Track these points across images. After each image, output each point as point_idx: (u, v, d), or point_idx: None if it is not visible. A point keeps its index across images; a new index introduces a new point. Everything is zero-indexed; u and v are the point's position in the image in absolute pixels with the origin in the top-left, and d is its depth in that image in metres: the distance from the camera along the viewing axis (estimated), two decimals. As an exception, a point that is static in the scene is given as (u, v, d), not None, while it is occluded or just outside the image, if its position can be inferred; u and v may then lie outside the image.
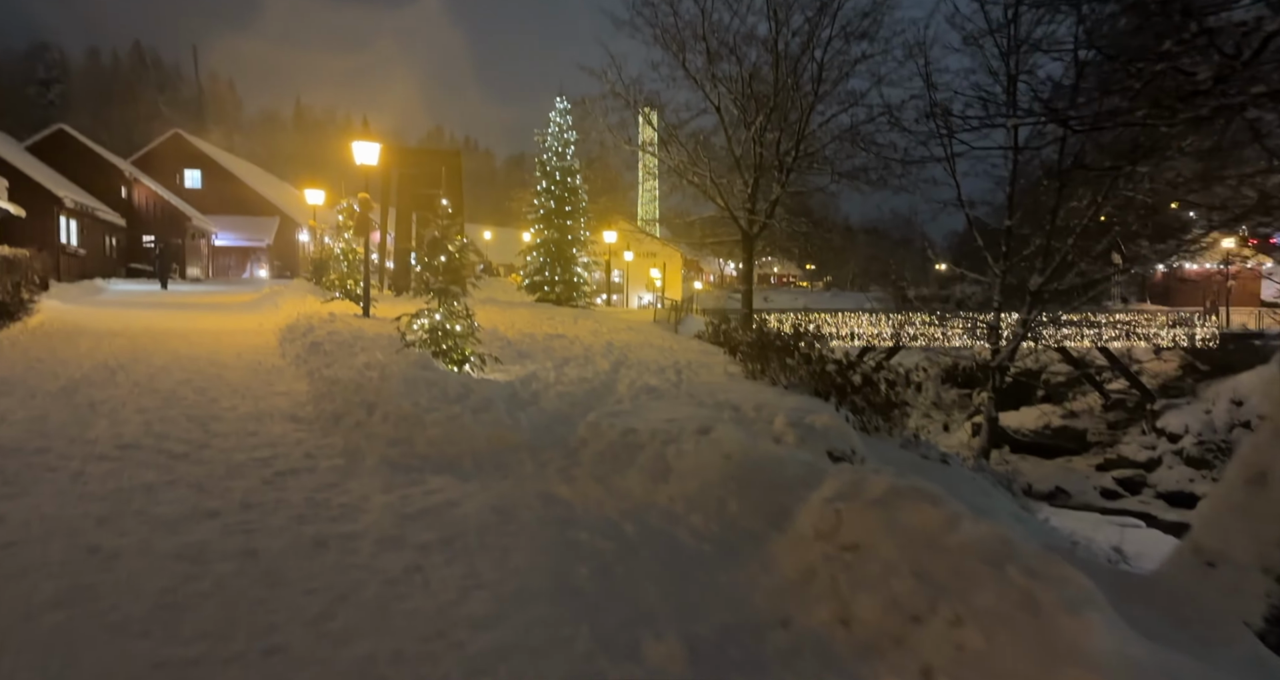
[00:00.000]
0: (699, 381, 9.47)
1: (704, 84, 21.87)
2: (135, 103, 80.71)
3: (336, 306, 15.66)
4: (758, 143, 21.41)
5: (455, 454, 6.10)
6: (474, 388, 7.67)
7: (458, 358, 9.11)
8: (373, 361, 9.01)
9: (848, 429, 6.28)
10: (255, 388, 8.97)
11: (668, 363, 11.30)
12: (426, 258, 9.18)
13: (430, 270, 9.13)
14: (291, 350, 11.53)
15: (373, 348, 10.37)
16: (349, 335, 11.66)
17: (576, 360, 10.60)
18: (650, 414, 7.30)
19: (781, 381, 9.36)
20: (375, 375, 8.33)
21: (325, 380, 8.66)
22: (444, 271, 9.06)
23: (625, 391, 8.47)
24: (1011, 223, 16.40)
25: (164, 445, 6.26)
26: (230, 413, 7.63)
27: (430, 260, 9.12)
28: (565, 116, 27.66)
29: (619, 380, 9.36)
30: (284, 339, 12.53)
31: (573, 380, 9.01)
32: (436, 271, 9.07)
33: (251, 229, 48.81)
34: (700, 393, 8.52)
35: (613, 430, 5.93)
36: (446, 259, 9.05)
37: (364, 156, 14.49)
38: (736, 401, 7.80)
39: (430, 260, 9.12)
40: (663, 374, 10.16)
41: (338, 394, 7.91)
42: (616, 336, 14.47)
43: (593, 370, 9.98)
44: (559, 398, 7.98)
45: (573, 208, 27.52)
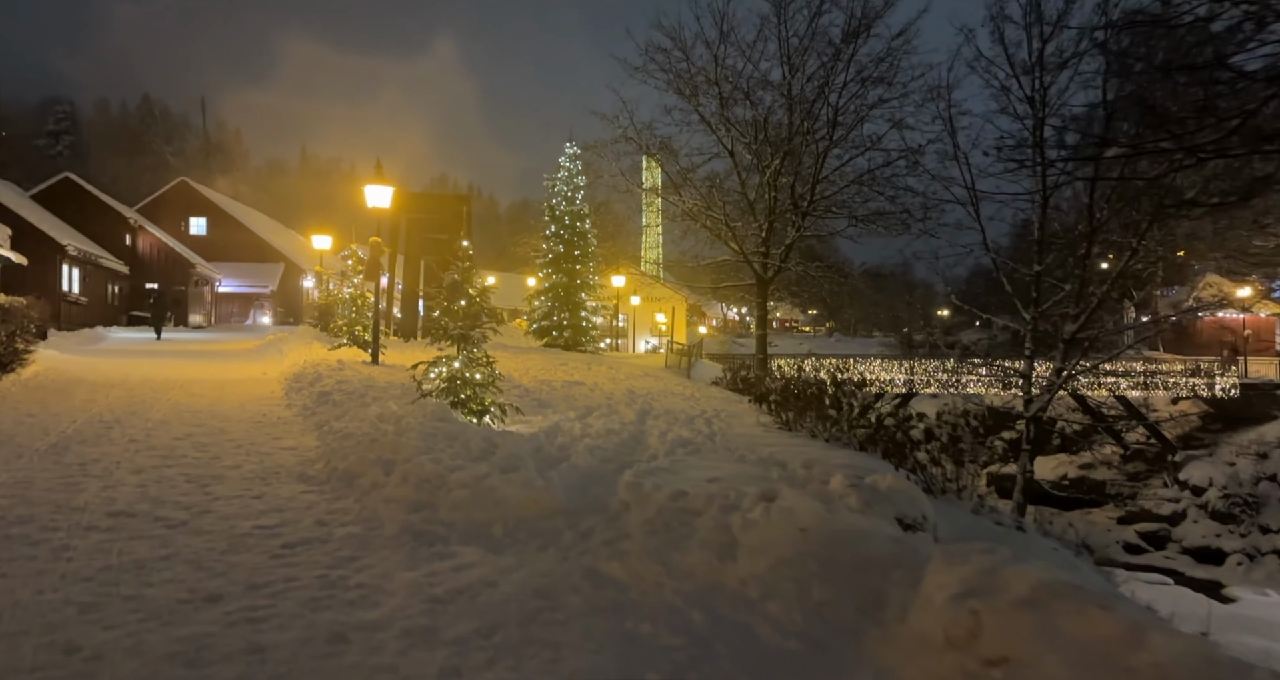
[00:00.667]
0: (732, 433, 8.87)
1: (717, 128, 21.69)
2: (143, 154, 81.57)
3: (344, 353, 15.12)
4: (772, 187, 21.12)
5: (484, 520, 5.48)
6: (498, 443, 7.09)
7: (477, 408, 8.54)
8: (386, 413, 8.44)
9: (917, 492, 5.67)
10: (260, 443, 8.38)
11: (694, 412, 10.71)
12: (445, 301, 8.67)
13: (449, 315, 8.62)
14: (298, 401, 10.96)
15: (385, 397, 9.81)
16: (359, 384, 11.10)
17: (600, 410, 10.02)
18: (692, 472, 6.71)
19: (821, 434, 8.76)
20: (390, 428, 7.75)
21: (336, 434, 8.08)
22: (463, 316, 8.54)
23: (658, 445, 7.87)
24: (1041, 268, 15.92)
25: (160, 512, 5.65)
26: (233, 472, 7.04)
27: (449, 304, 8.61)
28: (574, 161, 27.52)
29: (648, 432, 8.76)
30: (290, 388, 11.98)
31: (600, 432, 8.41)
32: (456, 316, 8.55)
33: (255, 275, 48.61)
34: (738, 446, 7.92)
35: (659, 493, 5.33)
36: (467, 303, 8.54)
37: (377, 199, 14.11)
38: (781, 457, 7.20)
39: (449, 304, 8.61)
40: (692, 425, 9.56)
41: (350, 450, 7.31)
42: (635, 383, 13.90)
43: (619, 421, 9.39)
44: (589, 452, 7.38)
45: (581, 252, 27.20)
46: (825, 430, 8.69)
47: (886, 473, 6.73)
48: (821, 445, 8.29)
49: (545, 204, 28.50)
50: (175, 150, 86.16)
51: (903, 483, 5.82)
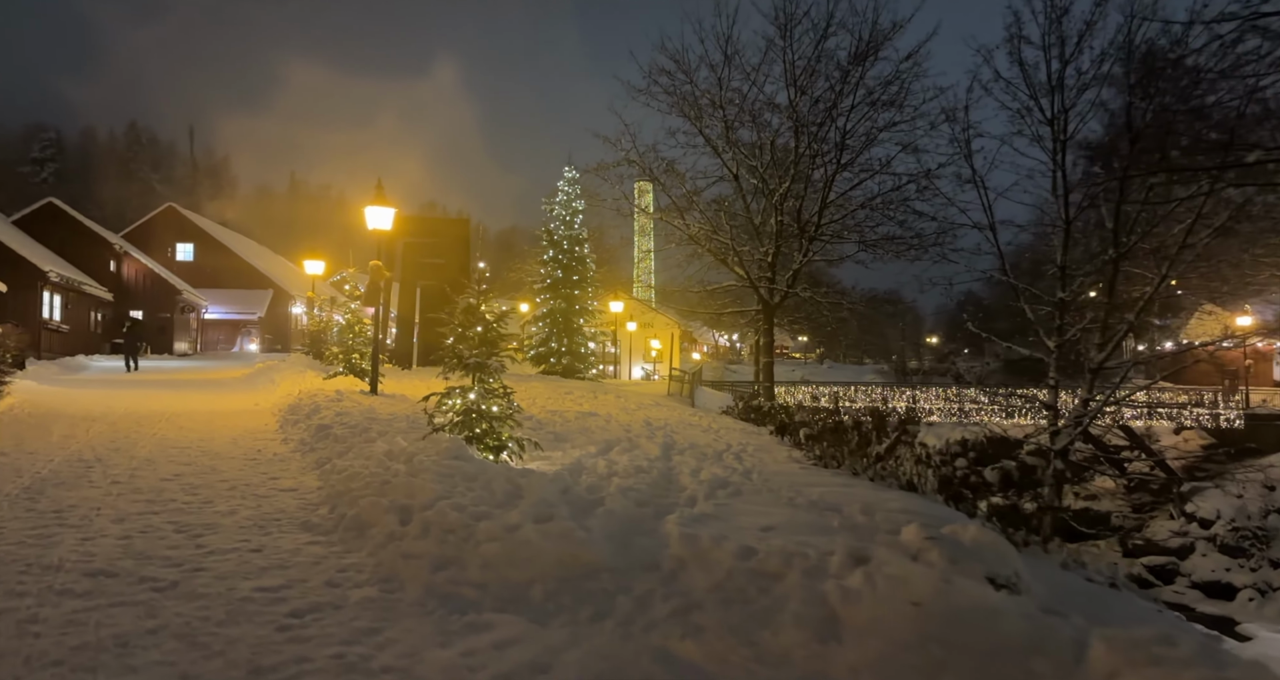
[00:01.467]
0: (768, 470, 8.21)
1: (723, 151, 21.30)
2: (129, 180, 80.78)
3: (340, 383, 14.39)
4: (778, 211, 20.69)
5: (520, 580, 4.79)
6: (523, 484, 6.41)
7: (494, 443, 7.85)
8: (395, 449, 7.74)
9: (1005, 545, 5.03)
10: (256, 484, 7.65)
11: (719, 446, 10.05)
12: (459, 327, 8.01)
13: (464, 342, 7.96)
14: (295, 434, 10.23)
15: (391, 431, 9.10)
16: (360, 416, 10.39)
17: (621, 444, 9.35)
18: (741, 518, 6.06)
19: (863, 471, 8.12)
20: (402, 467, 7.06)
21: (340, 475, 7.36)
22: (479, 343, 7.89)
23: (693, 485, 7.20)
24: (1065, 295, 15.43)
25: (146, 570, 4.93)
26: (228, 519, 6.31)
27: (464, 330, 7.96)
28: (573, 185, 27.05)
29: (677, 469, 8.10)
30: (285, 421, 11.24)
31: (627, 469, 7.73)
32: (471, 343, 7.90)
33: (243, 302, 47.76)
34: (779, 486, 7.26)
35: (721, 550, 4.67)
36: (483, 329, 7.89)
37: (377, 221, 13.49)
38: (832, 500, 6.56)
39: (464, 330, 7.96)
40: (721, 461, 8.90)
41: (358, 493, 6.61)
42: (649, 414, 13.23)
43: (644, 457, 8.72)
44: (621, 494, 6.70)
45: (580, 277, 26.62)
46: (869, 468, 8.05)
47: (959, 520, 6.11)
48: (868, 485, 7.65)
49: (543, 228, 27.98)
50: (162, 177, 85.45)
51: (988, 534, 5.17)
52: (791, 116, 20.64)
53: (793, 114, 20.63)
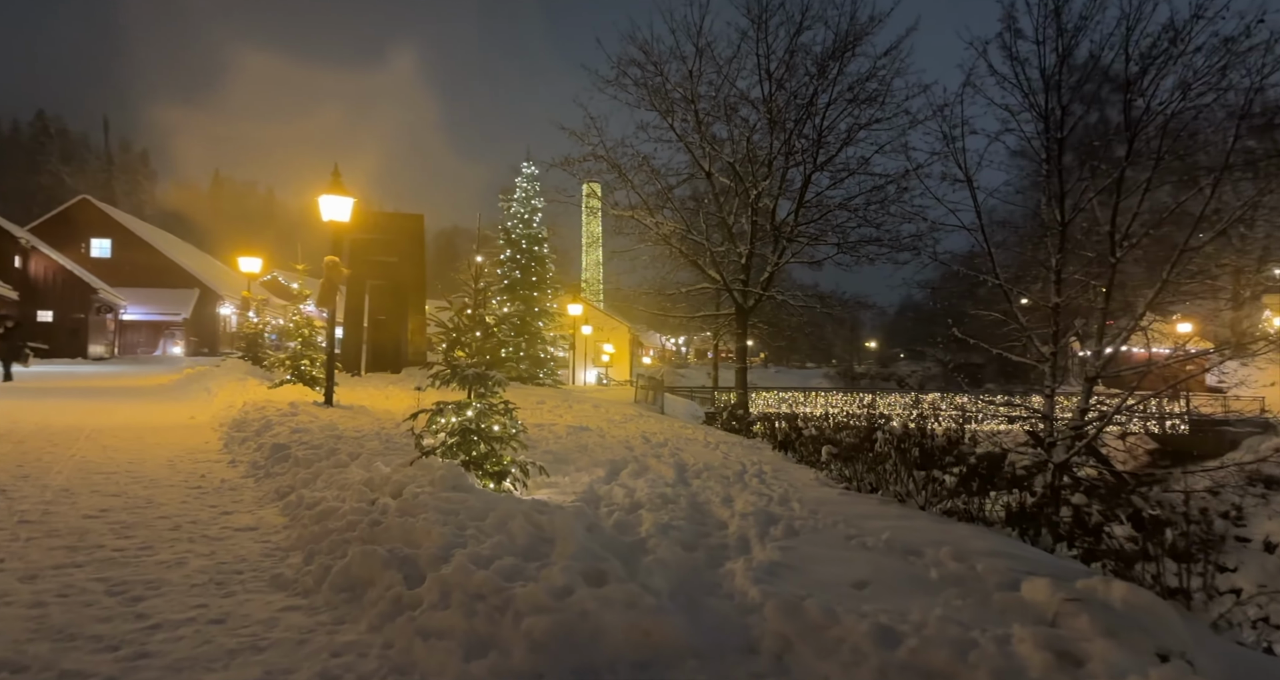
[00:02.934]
0: (807, 498, 7.20)
1: (694, 148, 20.35)
2: (37, 173, 75.82)
3: (289, 393, 12.89)
4: (753, 210, 19.84)
5: (582, 668, 3.66)
6: (546, 525, 5.27)
7: (494, 469, 6.65)
8: (378, 478, 6.48)
9: (1164, 608, 4.11)
10: (205, 521, 6.29)
11: (734, 466, 9.02)
12: (455, 333, 6.80)
13: (460, 349, 6.75)
14: (244, 455, 8.81)
15: (364, 453, 7.79)
16: (322, 433, 9.03)
17: (629, 465, 8.23)
18: (819, 568, 5.03)
19: (913, 499, 7.19)
20: (391, 502, 5.82)
21: (311, 510, 6.07)
22: (479, 352, 6.68)
23: (734, 520, 6.12)
24: (1060, 300, 14.87)
25: (68, 661, 3.63)
26: (174, 573, 4.98)
27: (460, 336, 6.74)
28: (532, 182, 25.75)
29: (705, 497, 7.03)
30: (230, 438, 9.78)
31: (651, 499, 6.63)
32: (470, 351, 6.69)
33: (166, 302, 44.83)
34: (831, 520, 6.25)
35: (844, 629, 3.64)
36: (483, 335, 6.69)
37: (334, 212, 12.05)
38: (908, 540, 5.58)
39: (460, 336, 6.74)
40: (745, 484, 7.87)
41: (340, 536, 5.35)
42: (642, 427, 12.08)
43: (661, 481, 7.62)
44: (661, 533, 5.61)
45: (539, 278, 25.34)
46: (918, 493, 7.12)
47: (1052, 563, 5.20)
48: (927, 516, 6.71)
49: (500, 226, 26.60)
50: (73, 170, 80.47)
51: (1141, 595, 4.24)
52: (766, 112, 19.83)
53: (768, 110, 19.82)
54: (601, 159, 20.51)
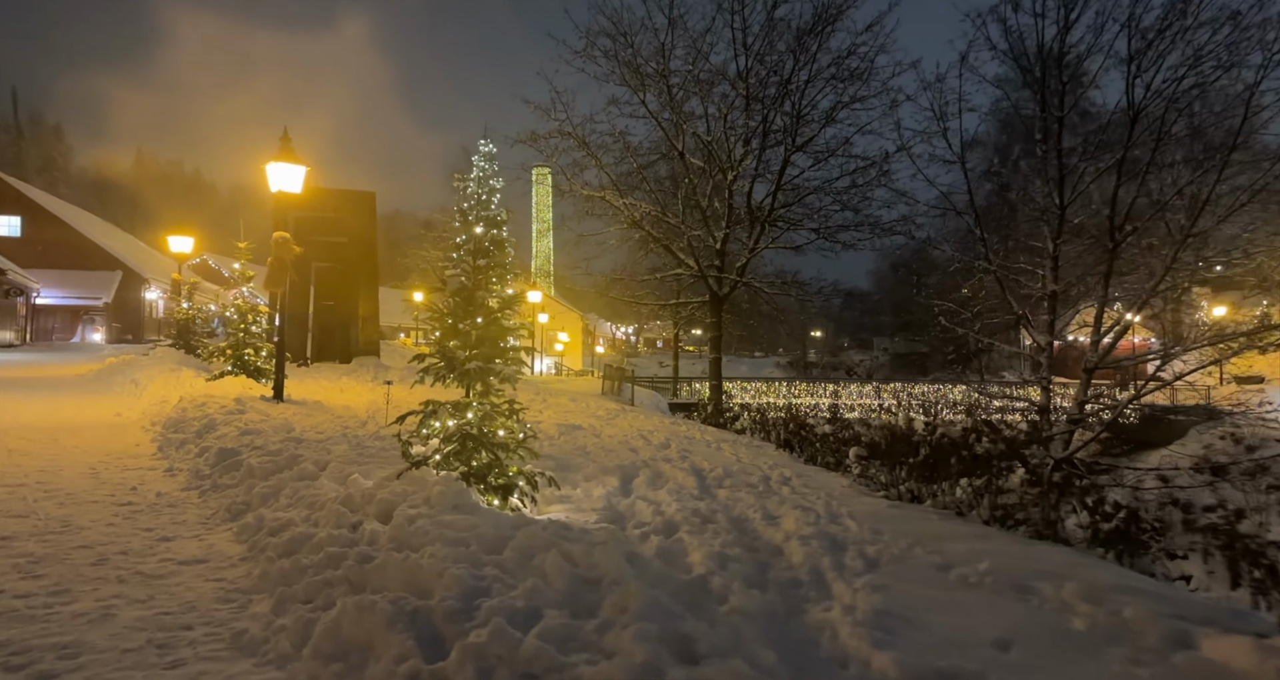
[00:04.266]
0: (857, 512, 6.25)
1: (665, 125, 19.27)
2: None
3: (231, 386, 11.44)
4: (729, 192, 18.89)
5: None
6: (579, 557, 4.21)
7: (499, 482, 5.51)
8: (358, 494, 5.30)
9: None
10: (139, 551, 5.03)
11: (752, 471, 8.04)
12: (450, 318, 5.63)
13: (456, 338, 5.59)
14: (184, 461, 7.47)
15: (332, 460, 6.55)
16: (277, 435, 7.73)
17: (641, 472, 7.16)
18: (933, 618, 4.10)
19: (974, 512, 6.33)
20: (381, 529, 4.68)
21: (277, 537, 4.87)
22: (479, 342, 5.54)
23: (791, 546, 5.11)
24: (1058, 287, 14.29)
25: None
26: (98, 632, 3.76)
27: (457, 323, 5.58)
28: (490, 161, 24.25)
29: (741, 511, 6.03)
30: (165, 440, 8.39)
31: (686, 518, 5.58)
32: (468, 340, 5.54)
33: (85, 285, 41.78)
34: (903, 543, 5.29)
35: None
36: (485, 321, 5.54)
37: (284, 182, 10.63)
38: (1011, 572, 4.71)
39: (457, 323, 5.58)
40: (777, 493, 6.91)
41: (318, 576, 4.19)
42: (634, 423, 10.94)
43: (685, 493, 6.60)
44: (718, 566, 4.58)
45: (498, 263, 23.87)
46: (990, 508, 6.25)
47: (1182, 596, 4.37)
48: (1008, 536, 5.84)
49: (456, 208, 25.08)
50: (-26, 145, 75.09)
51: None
52: (743, 88, 18.84)
53: (744, 86, 18.84)
54: (569, 135, 19.27)
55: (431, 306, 5.97)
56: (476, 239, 5.86)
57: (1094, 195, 13.97)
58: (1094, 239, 14.59)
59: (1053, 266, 14.43)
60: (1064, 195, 13.99)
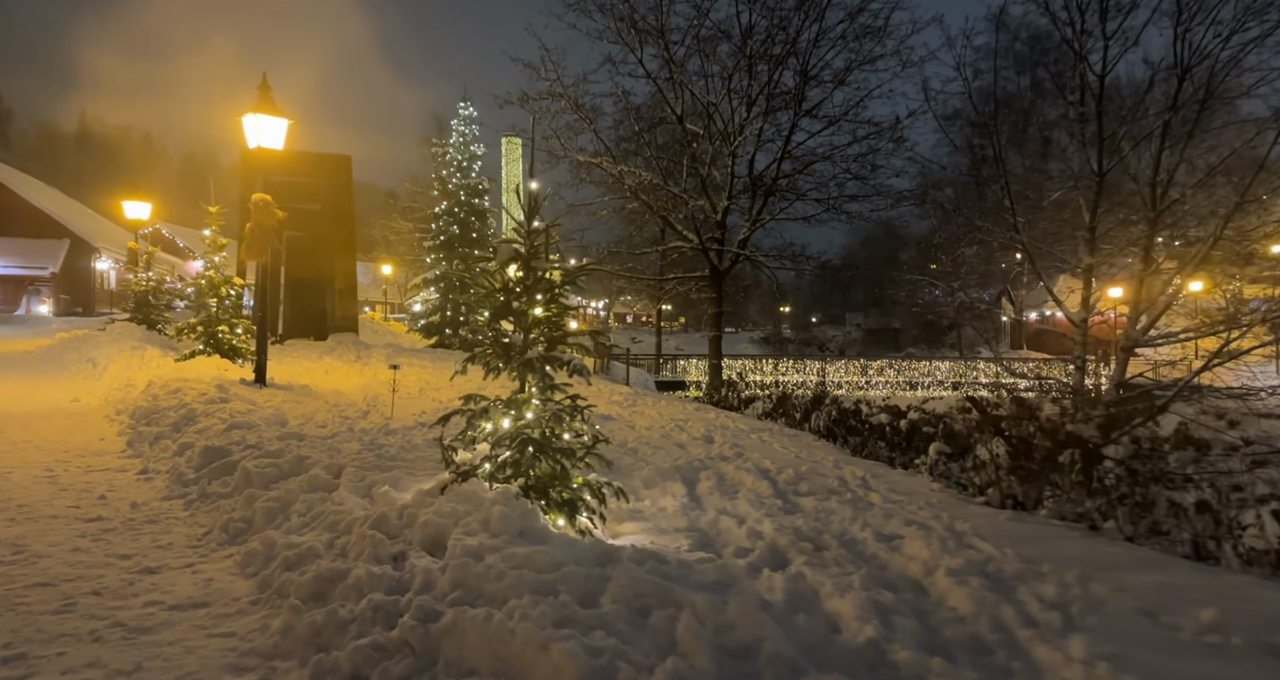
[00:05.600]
0: (983, 529, 5.34)
1: (664, 89, 18.10)
2: None
3: (204, 367, 10.20)
4: (732, 158, 17.83)
5: None
6: (722, 624, 3.23)
7: (563, 496, 4.48)
8: (392, 514, 4.26)
9: None
10: (115, 588, 3.96)
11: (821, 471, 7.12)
12: (502, 296, 4.55)
13: (513, 319, 4.52)
14: (161, 460, 6.33)
15: (342, 460, 5.47)
16: (270, 429, 6.61)
17: (701, 473, 6.19)
18: None
19: (1120, 527, 5.47)
20: (432, 567, 3.67)
21: (298, 573, 3.83)
22: (535, 323, 4.49)
23: (940, 584, 4.15)
24: (1094, 259, 13.54)
25: None
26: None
27: (511, 301, 4.50)
28: (470, 125, 22.91)
29: (845, 529, 5.11)
30: (136, 433, 7.21)
31: (789, 541, 4.62)
32: (524, 322, 4.48)
33: (28, 254, 39.37)
34: (1079, 578, 4.28)
35: None
36: (545, 299, 4.49)
37: (264, 136, 9.33)
38: (1244, 625, 3.79)
39: (511, 301, 4.50)
40: (866, 501, 6.03)
41: (364, 641, 3.16)
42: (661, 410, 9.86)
43: (763, 501, 5.66)
44: (881, 623, 3.61)
45: (479, 234, 22.67)
46: (1135, 522, 5.40)
47: None
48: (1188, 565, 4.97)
49: (434, 175, 23.71)
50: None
51: None
52: (745, 47, 17.70)
53: (746, 44, 17.69)
54: (560, 96, 18.00)
55: (474, 281, 4.88)
56: (532, 195, 4.72)
57: (1132, 161, 13.19)
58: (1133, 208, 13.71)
59: (1089, 238, 13.62)
60: (1103, 161, 13.17)
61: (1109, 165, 13.26)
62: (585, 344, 4.78)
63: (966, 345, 53.69)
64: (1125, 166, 13.77)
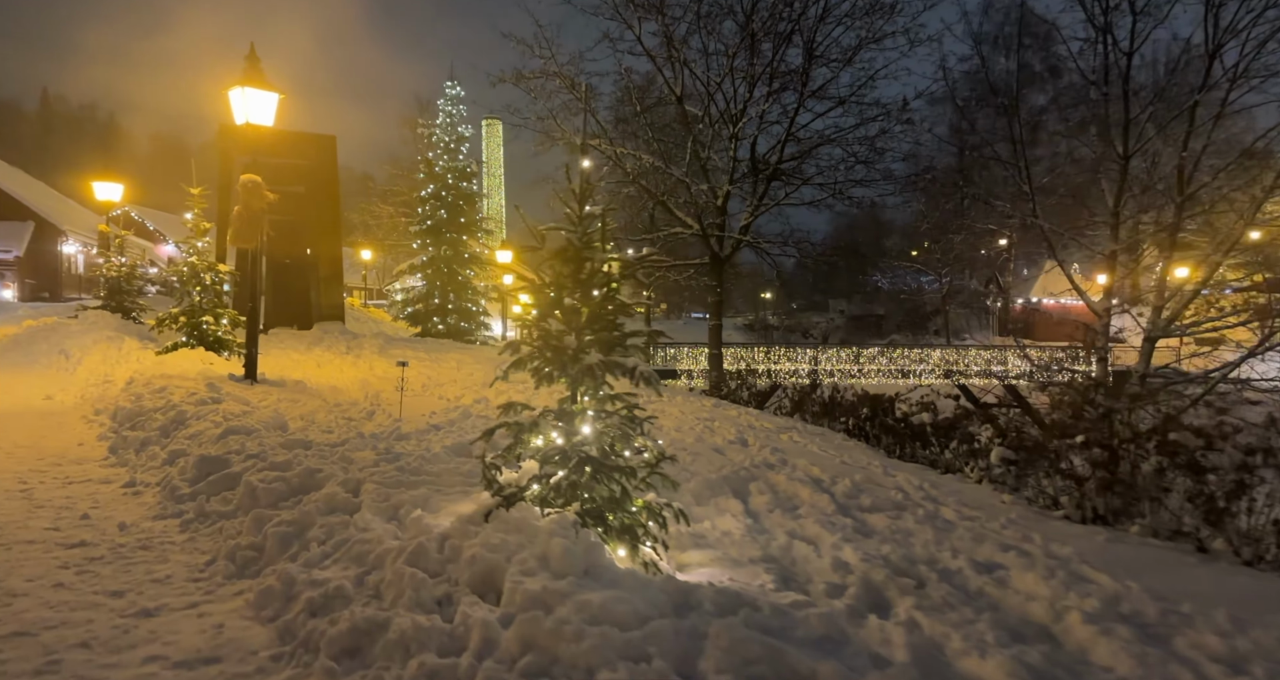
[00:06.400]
0: (1082, 549, 4.84)
1: (662, 67, 17.44)
2: None
3: (185, 360, 9.48)
4: (734, 141, 17.23)
5: None
6: None
7: (624, 522, 3.91)
8: (430, 545, 3.67)
9: None
10: (111, 642, 3.36)
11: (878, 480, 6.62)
12: (551, 290, 3.95)
13: (564, 316, 3.92)
14: (150, 470, 5.69)
15: (358, 473, 4.85)
16: (271, 435, 5.97)
17: (751, 486, 5.65)
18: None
19: (1240, 549, 4.97)
20: (489, 619, 3.09)
21: (327, 627, 3.24)
22: (591, 321, 3.89)
23: (1073, 630, 3.60)
24: (1118, 245, 13.14)
25: None
26: None
27: (562, 296, 3.90)
28: (457, 105, 22.08)
29: (932, 555, 4.56)
30: (119, 437, 6.54)
31: (884, 575, 4.02)
32: (576, 321, 3.88)
33: (-8, 237, 37.88)
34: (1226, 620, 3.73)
35: None
36: (602, 296, 3.90)
37: (252, 112, 8.57)
38: None
39: (562, 296, 3.90)
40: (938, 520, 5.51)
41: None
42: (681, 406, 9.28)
43: (829, 519, 5.14)
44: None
45: (467, 219, 21.88)
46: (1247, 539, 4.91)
47: None
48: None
49: (420, 157, 22.88)
50: None
51: None
52: (749, 25, 17.05)
53: (749, 22, 17.04)
54: (555, 75, 17.26)
55: (518, 274, 4.26)
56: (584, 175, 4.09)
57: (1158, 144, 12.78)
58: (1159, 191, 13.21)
59: (1113, 223, 13.19)
60: (1128, 144, 12.70)
61: (1134, 148, 12.82)
62: (641, 345, 4.18)
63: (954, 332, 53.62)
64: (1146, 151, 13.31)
